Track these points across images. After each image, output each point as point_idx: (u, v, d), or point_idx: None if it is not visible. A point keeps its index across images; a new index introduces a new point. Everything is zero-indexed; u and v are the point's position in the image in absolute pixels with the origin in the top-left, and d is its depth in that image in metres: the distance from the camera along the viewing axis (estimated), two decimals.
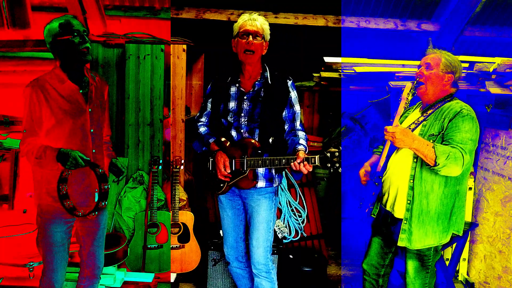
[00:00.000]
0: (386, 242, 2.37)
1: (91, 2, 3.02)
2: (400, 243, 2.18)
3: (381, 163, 2.22)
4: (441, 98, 2.20)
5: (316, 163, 2.08)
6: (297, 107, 2.34)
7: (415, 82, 2.19)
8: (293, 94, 2.34)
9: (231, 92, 2.34)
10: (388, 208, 2.28)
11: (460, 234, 2.23)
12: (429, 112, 2.19)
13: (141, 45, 3.23)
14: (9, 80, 3.11)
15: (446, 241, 2.20)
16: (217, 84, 2.40)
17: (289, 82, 2.34)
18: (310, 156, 2.10)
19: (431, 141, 2.09)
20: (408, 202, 2.15)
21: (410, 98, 2.18)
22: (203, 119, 2.48)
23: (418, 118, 2.23)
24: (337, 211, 3.87)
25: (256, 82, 2.32)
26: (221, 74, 2.41)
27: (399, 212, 2.21)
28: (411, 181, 2.14)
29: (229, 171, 2.26)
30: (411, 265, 2.24)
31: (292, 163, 2.12)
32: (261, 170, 2.31)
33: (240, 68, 2.33)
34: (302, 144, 2.25)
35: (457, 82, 2.22)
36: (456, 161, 1.99)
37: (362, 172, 2.40)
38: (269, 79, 2.31)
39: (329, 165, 2.06)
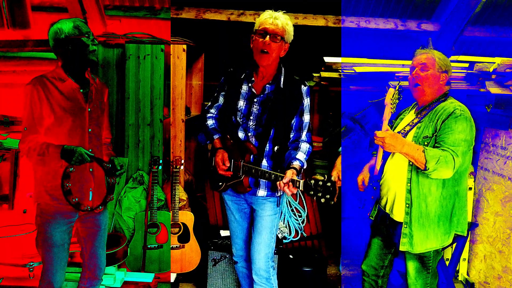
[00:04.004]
0: (386, 243, 2.36)
1: (91, 2, 3.02)
2: (402, 248, 2.16)
3: (377, 167, 2.20)
4: (436, 98, 2.18)
5: (300, 188, 1.94)
6: (306, 117, 2.20)
7: (398, 86, 2.14)
8: (306, 102, 2.20)
9: (242, 91, 2.24)
10: (387, 211, 2.27)
11: (464, 235, 2.21)
12: (423, 113, 2.18)
13: (141, 45, 3.23)
14: (9, 80, 3.11)
15: (449, 243, 2.18)
16: (231, 77, 2.29)
17: (304, 89, 2.19)
18: (296, 179, 1.97)
19: (426, 143, 2.07)
20: (407, 205, 2.13)
21: (396, 102, 2.13)
22: (212, 111, 2.40)
23: (412, 120, 2.21)
24: (337, 211, 3.86)
25: (267, 85, 2.19)
26: (237, 67, 2.29)
27: (398, 215, 2.20)
28: (408, 184, 2.12)
29: (228, 165, 2.21)
30: (412, 266, 2.22)
31: (277, 183, 2.01)
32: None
33: (256, 64, 2.20)
34: (298, 160, 2.12)
35: (449, 80, 2.23)
36: (447, 165, 1.96)
37: (360, 179, 2.38)
38: (281, 83, 2.17)
39: (312, 193, 1.88)
